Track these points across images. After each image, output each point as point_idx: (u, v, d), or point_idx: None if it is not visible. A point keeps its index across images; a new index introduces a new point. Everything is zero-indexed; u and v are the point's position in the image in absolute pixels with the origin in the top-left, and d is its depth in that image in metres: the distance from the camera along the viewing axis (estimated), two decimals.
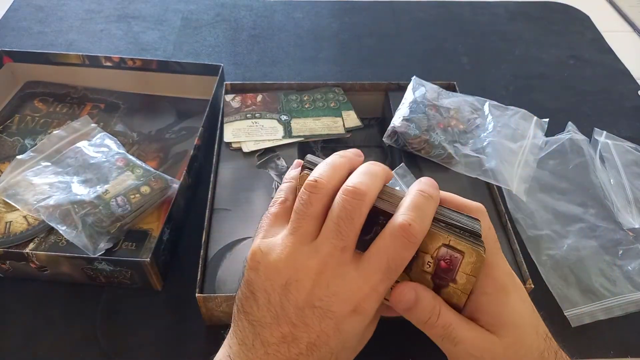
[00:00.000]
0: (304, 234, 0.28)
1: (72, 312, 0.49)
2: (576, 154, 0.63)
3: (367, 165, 0.30)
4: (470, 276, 0.29)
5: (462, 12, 0.98)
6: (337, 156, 0.31)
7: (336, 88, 0.66)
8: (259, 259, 0.29)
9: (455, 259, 0.29)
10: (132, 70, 0.70)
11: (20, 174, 0.57)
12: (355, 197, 0.28)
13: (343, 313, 0.27)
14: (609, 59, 0.87)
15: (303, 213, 0.28)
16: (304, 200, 0.29)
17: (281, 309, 0.27)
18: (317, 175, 0.29)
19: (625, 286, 0.52)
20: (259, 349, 0.27)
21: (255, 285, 0.28)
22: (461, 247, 0.28)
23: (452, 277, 0.29)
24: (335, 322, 0.27)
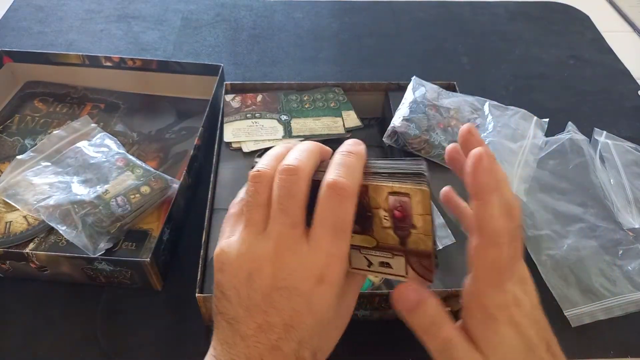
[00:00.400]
0: (256, 224, 0.29)
1: (72, 312, 0.50)
2: (576, 154, 0.63)
3: (300, 145, 0.31)
4: (425, 215, 0.29)
5: (462, 12, 0.98)
6: (279, 147, 0.32)
7: (336, 88, 0.66)
8: (222, 259, 0.29)
9: (405, 204, 0.29)
10: (132, 70, 0.70)
11: (20, 174, 0.57)
12: (290, 173, 0.29)
13: (308, 287, 0.28)
14: (609, 59, 0.87)
15: (252, 204, 0.29)
16: (251, 192, 0.29)
17: (250, 300, 0.28)
18: (260, 165, 0.30)
19: (625, 286, 0.52)
20: (240, 343, 0.28)
21: (224, 285, 0.29)
22: (405, 190, 0.29)
23: (410, 223, 0.29)
24: (304, 298, 0.28)
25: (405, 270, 0.31)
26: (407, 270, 0.31)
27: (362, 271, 0.31)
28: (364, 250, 0.31)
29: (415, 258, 0.30)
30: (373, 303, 0.46)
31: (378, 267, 0.31)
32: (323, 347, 0.30)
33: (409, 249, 0.30)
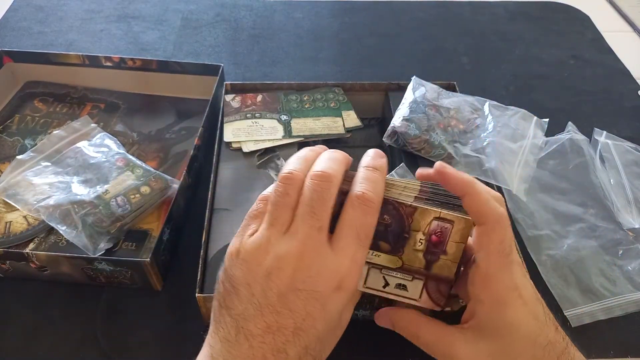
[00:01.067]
0: (281, 224, 0.29)
1: (72, 312, 0.49)
2: (576, 154, 0.63)
3: (329, 153, 0.32)
4: (460, 243, 0.30)
5: (462, 12, 0.98)
6: (307, 150, 0.33)
7: (336, 88, 0.66)
8: (241, 254, 0.29)
9: (445, 230, 0.30)
10: (132, 70, 0.70)
11: (20, 174, 0.57)
12: (323, 179, 0.29)
13: (328, 291, 0.28)
14: (609, 59, 0.87)
15: (279, 204, 0.29)
16: (280, 192, 0.30)
17: (264, 299, 0.28)
18: (291, 167, 0.30)
19: (625, 286, 0.52)
20: (243, 343, 0.27)
21: (237, 280, 0.29)
22: (450, 217, 0.30)
23: (442, 249, 0.31)
24: (321, 303, 0.28)
25: (419, 294, 0.32)
26: (421, 294, 0.31)
27: (373, 291, 0.32)
28: (386, 270, 0.31)
29: (435, 283, 0.32)
30: (373, 303, 0.46)
31: (393, 288, 0.32)
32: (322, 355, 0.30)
33: (433, 273, 0.31)
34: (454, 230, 0.30)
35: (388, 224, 0.31)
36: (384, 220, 0.31)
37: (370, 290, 0.32)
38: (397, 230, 0.31)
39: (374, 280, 0.32)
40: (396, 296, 0.32)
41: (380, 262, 0.31)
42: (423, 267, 0.31)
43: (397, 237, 0.31)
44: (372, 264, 0.31)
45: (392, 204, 0.31)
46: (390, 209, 0.31)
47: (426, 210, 0.31)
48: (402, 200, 0.31)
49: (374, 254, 0.31)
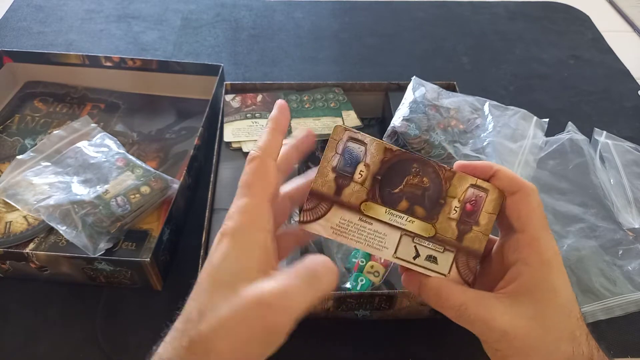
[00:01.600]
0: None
1: (72, 312, 0.50)
2: (576, 154, 0.63)
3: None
4: (492, 214, 0.31)
5: (462, 12, 0.98)
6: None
7: (336, 88, 0.66)
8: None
9: (480, 199, 0.31)
10: (132, 70, 0.70)
11: (20, 174, 0.57)
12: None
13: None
14: (609, 59, 0.87)
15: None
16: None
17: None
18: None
19: (625, 286, 0.52)
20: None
21: None
22: (486, 185, 0.31)
23: (475, 220, 0.31)
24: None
25: (449, 269, 0.31)
26: (450, 268, 0.31)
27: (403, 262, 0.31)
28: (418, 239, 0.31)
29: (465, 257, 0.31)
30: (373, 303, 0.46)
31: (424, 260, 0.31)
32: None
33: (464, 245, 0.31)
34: (487, 199, 0.31)
35: (426, 188, 0.31)
36: (423, 183, 0.31)
37: (400, 261, 0.31)
38: (434, 195, 0.31)
39: (405, 250, 0.31)
40: (425, 269, 0.31)
41: (413, 229, 0.30)
42: (455, 237, 0.31)
43: (433, 202, 0.31)
44: (406, 230, 0.30)
45: (433, 166, 0.31)
46: (430, 171, 0.31)
47: (464, 176, 0.31)
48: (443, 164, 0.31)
49: (408, 219, 0.30)
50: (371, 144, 0.30)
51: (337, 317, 0.49)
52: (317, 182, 0.30)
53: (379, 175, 0.30)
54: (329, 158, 0.30)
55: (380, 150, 0.30)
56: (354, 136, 0.30)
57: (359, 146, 0.30)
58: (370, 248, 0.30)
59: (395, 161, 0.30)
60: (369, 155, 0.30)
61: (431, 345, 0.49)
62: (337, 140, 0.30)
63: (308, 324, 0.29)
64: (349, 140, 0.30)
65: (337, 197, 0.30)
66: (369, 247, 0.30)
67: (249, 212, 0.27)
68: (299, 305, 0.25)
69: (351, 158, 0.30)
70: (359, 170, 0.30)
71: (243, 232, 0.27)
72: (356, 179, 0.30)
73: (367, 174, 0.30)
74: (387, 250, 0.31)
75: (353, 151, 0.30)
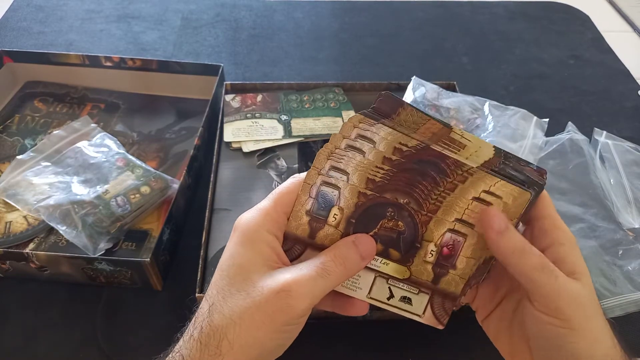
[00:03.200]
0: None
1: (72, 312, 0.49)
2: (576, 154, 0.63)
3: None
4: (470, 259, 0.30)
5: (462, 12, 0.98)
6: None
7: (336, 88, 0.66)
8: None
9: (457, 243, 0.30)
10: (132, 70, 0.70)
11: (20, 174, 0.57)
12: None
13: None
14: (609, 59, 0.87)
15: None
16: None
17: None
18: None
19: (625, 286, 0.52)
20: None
21: None
22: (464, 230, 0.30)
23: (452, 263, 0.30)
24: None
25: (423, 310, 0.31)
26: (425, 309, 0.31)
27: (377, 302, 0.31)
28: (392, 280, 0.31)
29: (440, 299, 0.31)
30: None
31: (397, 301, 0.31)
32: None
33: (439, 288, 0.31)
34: (466, 244, 0.30)
35: (401, 231, 0.30)
36: (398, 227, 0.30)
37: (373, 301, 0.31)
38: (410, 239, 0.30)
39: (379, 291, 0.31)
40: (399, 310, 0.31)
41: (387, 272, 0.31)
42: (430, 280, 0.31)
43: (408, 245, 0.30)
44: (380, 272, 0.31)
45: (408, 210, 0.30)
46: (405, 215, 0.30)
47: (441, 220, 0.30)
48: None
49: (382, 261, 0.31)
50: (345, 188, 0.30)
51: (337, 317, 0.48)
52: (291, 225, 0.30)
53: (353, 218, 0.30)
54: (303, 202, 0.30)
55: (354, 194, 0.30)
56: (328, 180, 0.30)
57: (333, 190, 0.30)
58: (344, 288, 0.31)
59: (370, 205, 0.30)
60: (343, 199, 0.30)
61: (431, 345, 0.49)
62: (310, 184, 0.30)
63: (308, 324, 0.29)
64: (323, 184, 0.30)
65: (311, 240, 0.30)
66: (342, 288, 0.31)
67: (265, 213, 0.29)
68: (315, 293, 0.27)
69: (325, 202, 0.30)
70: (332, 214, 0.30)
71: (254, 228, 0.28)
72: (330, 222, 0.30)
73: (341, 217, 0.30)
74: (361, 291, 0.31)
75: (327, 195, 0.30)
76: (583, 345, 0.27)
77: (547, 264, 0.28)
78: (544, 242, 0.30)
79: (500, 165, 0.30)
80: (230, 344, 0.26)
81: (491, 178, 0.30)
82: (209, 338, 0.26)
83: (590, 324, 0.28)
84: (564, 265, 0.29)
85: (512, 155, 0.30)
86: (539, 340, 0.29)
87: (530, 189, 0.30)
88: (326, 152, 0.30)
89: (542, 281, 0.28)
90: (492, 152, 0.30)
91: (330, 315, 0.48)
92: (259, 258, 0.28)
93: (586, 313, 0.28)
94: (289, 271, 0.28)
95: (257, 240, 0.28)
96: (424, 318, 0.31)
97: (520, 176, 0.30)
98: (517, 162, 0.30)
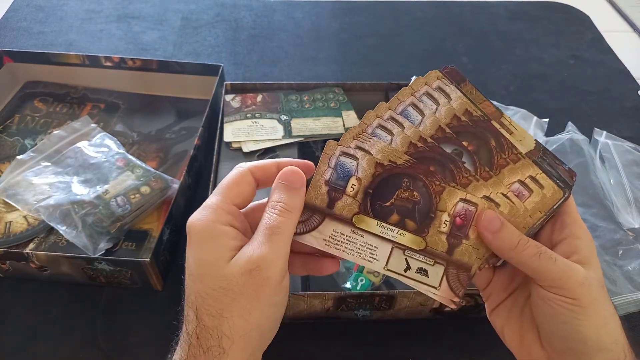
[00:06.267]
0: None
1: (72, 312, 0.49)
2: (576, 154, 0.63)
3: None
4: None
5: (462, 12, 0.98)
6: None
7: (336, 88, 0.66)
8: None
9: (469, 213, 0.31)
10: (132, 70, 0.70)
11: (20, 174, 0.57)
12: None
13: None
14: (609, 59, 0.87)
15: None
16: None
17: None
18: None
19: (625, 286, 0.52)
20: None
21: None
22: (475, 200, 0.31)
23: (465, 233, 0.31)
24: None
25: (439, 282, 0.31)
26: (441, 281, 0.31)
27: (394, 274, 0.31)
28: (409, 251, 0.31)
29: (455, 270, 0.31)
30: (373, 303, 0.46)
31: (414, 273, 0.31)
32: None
33: (454, 259, 0.31)
34: (477, 214, 0.31)
35: (417, 201, 0.31)
36: (413, 197, 0.31)
37: (390, 273, 0.31)
38: (425, 209, 0.31)
39: (396, 262, 0.31)
40: (416, 282, 0.31)
41: (404, 242, 0.31)
42: (445, 250, 0.31)
43: (424, 216, 0.31)
44: (396, 243, 0.31)
45: (423, 180, 0.31)
46: (420, 185, 0.31)
47: (453, 191, 0.31)
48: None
49: (399, 232, 0.31)
50: (363, 159, 0.31)
51: (337, 317, 0.49)
52: (311, 194, 0.31)
53: (371, 189, 0.31)
54: (322, 172, 0.31)
55: (372, 165, 0.31)
56: (346, 151, 0.31)
57: (351, 160, 0.31)
58: (362, 260, 0.31)
59: (386, 175, 0.31)
60: (361, 169, 0.31)
61: (431, 345, 0.49)
62: (329, 154, 0.31)
63: (308, 324, 0.29)
64: (342, 154, 0.31)
65: (330, 210, 0.31)
66: (360, 259, 0.31)
67: (215, 208, 0.29)
68: (280, 252, 0.28)
69: (343, 172, 0.31)
70: (351, 184, 0.31)
71: (207, 225, 0.29)
72: (348, 192, 0.31)
73: (359, 188, 0.31)
74: (379, 263, 0.31)
75: (345, 165, 0.31)
76: (591, 325, 0.28)
77: (544, 250, 0.29)
78: (562, 234, 0.31)
79: (539, 159, 0.31)
80: (230, 339, 0.26)
81: (534, 168, 0.31)
82: (208, 341, 0.27)
83: (598, 306, 0.28)
84: (578, 255, 0.30)
85: (549, 152, 0.32)
86: (549, 324, 0.30)
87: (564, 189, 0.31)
88: (374, 113, 0.32)
89: (542, 266, 0.29)
90: (534, 144, 0.32)
91: (330, 315, 0.48)
92: (222, 251, 0.28)
93: (593, 295, 0.28)
94: (249, 248, 0.28)
95: (214, 235, 0.28)
96: (440, 290, 0.31)
97: (554, 173, 0.31)
98: (553, 159, 0.32)
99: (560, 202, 0.31)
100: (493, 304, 0.34)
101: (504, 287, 0.34)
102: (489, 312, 0.34)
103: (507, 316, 0.33)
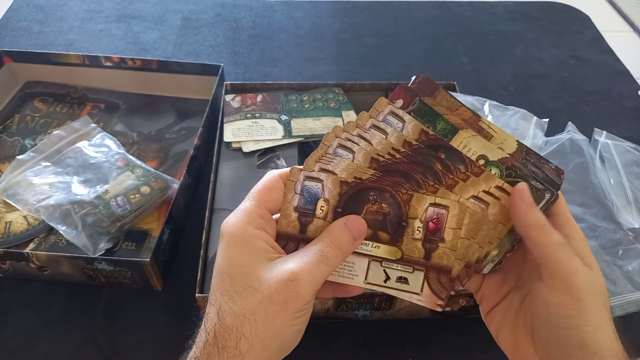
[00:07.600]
0: None
1: (72, 312, 0.50)
2: (576, 154, 0.63)
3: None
4: (456, 230, 0.31)
5: (462, 12, 0.98)
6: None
7: (336, 88, 0.66)
8: None
9: (441, 216, 0.30)
10: (132, 70, 0.70)
11: (20, 174, 0.57)
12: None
13: None
14: (609, 59, 0.87)
15: None
16: None
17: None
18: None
19: (625, 286, 0.52)
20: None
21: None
22: (445, 202, 0.31)
23: (440, 237, 0.31)
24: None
25: (420, 287, 0.31)
26: (422, 287, 0.31)
27: (375, 287, 0.31)
28: (386, 262, 0.31)
29: (435, 274, 0.31)
30: (373, 303, 0.46)
31: (394, 282, 0.31)
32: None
33: (432, 263, 0.31)
34: (449, 216, 0.30)
35: (386, 213, 0.31)
36: (382, 209, 0.31)
37: (371, 286, 0.31)
38: (396, 219, 0.31)
39: (375, 275, 0.31)
40: (398, 291, 0.31)
41: (380, 254, 0.31)
42: (422, 257, 0.31)
43: (395, 226, 0.31)
44: (372, 256, 0.31)
45: (389, 191, 0.31)
46: (387, 197, 0.31)
47: (421, 197, 0.31)
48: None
49: (374, 245, 0.31)
50: (327, 180, 0.31)
51: (337, 317, 0.49)
52: (282, 223, 0.31)
53: (339, 207, 0.31)
54: (290, 199, 0.31)
55: (337, 184, 0.31)
56: (310, 175, 0.31)
57: (316, 183, 0.31)
58: (341, 278, 0.31)
59: (353, 192, 0.31)
60: (327, 190, 0.31)
61: (431, 345, 0.49)
62: (294, 181, 0.31)
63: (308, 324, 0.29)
64: (306, 179, 0.31)
65: (303, 235, 0.31)
66: (340, 277, 0.32)
67: (249, 212, 0.30)
68: (318, 279, 0.28)
69: (310, 196, 0.31)
70: (319, 206, 0.31)
71: (242, 227, 0.29)
72: (318, 215, 0.31)
73: (327, 209, 0.31)
74: (358, 278, 0.31)
75: (311, 189, 0.31)
76: (590, 329, 0.28)
77: (568, 244, 0.29)
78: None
79: (522, 160, 0.31)
80: (249, 341, 0.26)
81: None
82: (225, 341, 0.26)
83: (599, 310, 0.28)
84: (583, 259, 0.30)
85: (533, 152, 0.31)
86: (546, 326, 0.29)
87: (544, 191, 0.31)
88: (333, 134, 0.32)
89: (561, 258, 0.28)
90: (515, 145, 0.31)
91: (330, 316, 0.48)
92: (256, 253, 0.28)
93: (596, 299, 0.28)
94: (292, 260, 0.28)
95: (249, 238, 0.29)
96: (423, 296, 0.31)
97: (540, 173, 0.31)
98: (538, 159, 0.31)
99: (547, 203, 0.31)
100: (487, 307, 0.34)
101: (495, 290, 0.34)
102: (483, 315, 0.34)
103: (501, 320, 0.33)
